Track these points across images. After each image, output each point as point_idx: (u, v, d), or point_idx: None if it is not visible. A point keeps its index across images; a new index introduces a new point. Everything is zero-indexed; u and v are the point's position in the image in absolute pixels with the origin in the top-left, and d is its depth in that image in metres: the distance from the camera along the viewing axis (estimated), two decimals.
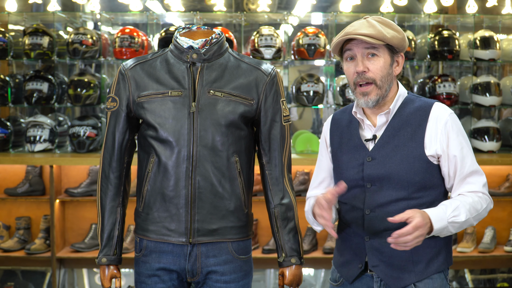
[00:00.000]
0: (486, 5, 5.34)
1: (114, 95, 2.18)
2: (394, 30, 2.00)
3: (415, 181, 1.98)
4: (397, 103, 2.04)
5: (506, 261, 4.58)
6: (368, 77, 1.99)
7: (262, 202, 2.33)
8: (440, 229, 1.91)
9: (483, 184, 2.00)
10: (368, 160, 2.03)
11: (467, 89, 4.82)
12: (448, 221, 1.90)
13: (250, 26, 5.24)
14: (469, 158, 2.00)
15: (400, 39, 1.99)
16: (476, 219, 1.97)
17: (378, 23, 1.99)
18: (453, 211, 1.92)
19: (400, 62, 2.04)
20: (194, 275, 2.16)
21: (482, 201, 1.98)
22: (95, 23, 5.22)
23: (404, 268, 2.00)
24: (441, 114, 1.99)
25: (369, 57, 1.99)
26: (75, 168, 4.54)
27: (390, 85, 2.03)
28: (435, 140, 1.98)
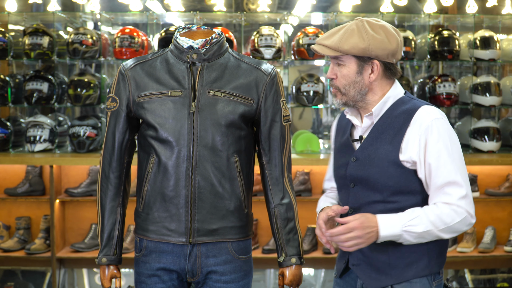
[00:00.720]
0: (486, 5, 5.34)
1: (114, 95, 2.18)
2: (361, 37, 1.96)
3: (389, 185, 1.98)
4: (385, 105, 2.03)
5: (506, 261, 4.59)
6: (333, 84, 2.06)
7: (262, 202, 2.33)
8: (391, 236, 1.90)
9: (460, 197, 1.91)
10: (352, 160, 2.05)
11: (467, 89, 4.82)
12: (403, 230, 1.89)
13: (250, 26, 5.24)
14: (447, 167, 1.91)
15: (362, 49, 1.96)
16: (447, 232, 1.91)
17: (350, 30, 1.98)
18: (411, 220, 1.89)
19: (375, 69, 2.00)
20: (194, 275, 2.16)
21: (455, 215, 1.90)
22: (95, 23, 5.22)
23: (381, 270, 2.02)
24: (423, 119, 1.95)
25: (338, 65, 2.03)
26: (75, 168, 4.54)
27: (362, 92, 2.02)
28: (412, 145, 1.94)
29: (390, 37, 1.99)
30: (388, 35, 1.99)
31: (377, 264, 2.02)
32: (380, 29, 1.99)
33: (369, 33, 1.97)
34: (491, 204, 4.64)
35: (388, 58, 2.00)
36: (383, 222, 1.90)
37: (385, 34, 1.99)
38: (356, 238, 1.89)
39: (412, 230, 1.89)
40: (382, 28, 2.00)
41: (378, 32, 1.98)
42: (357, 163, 2.04)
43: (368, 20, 2.01)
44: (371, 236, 1.90)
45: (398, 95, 2.05)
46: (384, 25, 2.01)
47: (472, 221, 1.95)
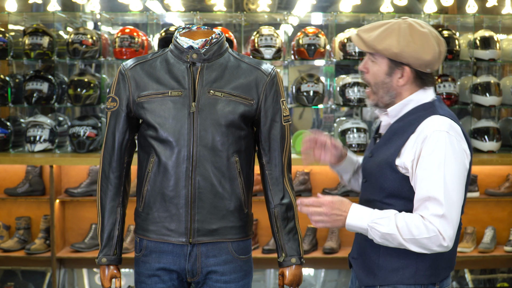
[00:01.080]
0: (486, 5, 5.34)
1: (114, 95, 2.18)
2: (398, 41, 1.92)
3: (384, 187, 1.97)
4: (404, 108, 2.00)
5: (506, 261, 4.58)
6: (364, 77, 2.04)
7: (262, 202, 2.33)
8: (357, 228, 1.90)
9: (436, 214, 1.82)
10: (369, 156, 2.06)
11: (467, 89, 4.82)
12: (368, 224, 1.88)
13: (250, 26, 5.24)
14: (431, 181, 1.84)
15: (394, 54, 1.92)
16: (412, 243, 1.84)
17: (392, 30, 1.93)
18: (379, 219, 1.87)
19: (405, 75, 1.96)
20: (194, 275, 2.16)
21: (424, 229, 1.82)
22: (95, 23, 5.22)
23: (371, 269, 2.03)
24: (426, 129, 1.91)
25: (371, 60, 2.01)
26: (75, 168, 4.54)
27: (390, 94, 2.00)
28: (408, 152, 1.92)
29: (427, 48, 1.93)
30: (426, 46, 1.93)
31: (369, 262, 2.03)
32: (420, 37, 1.92)
33: (406, 39, 1.92)
34: (491, 204, 4.64)
35: (421, 68, 1.95)
36: (354, 211, 1.90)
37: (422, 43, 1.92)
38: (322, 214, 1.90)
39: (377, 228, 1.87)
40: (423, 36, 1.93)
41: (416, 40, 1.92)
42: (371, 159, 2.04)
43: (413, 24, 1.94)
44: (338, 220, 1.90)
45: (422, 100, 1.99)
46: (425, 34, 1.94)
47: (444, 244, 1.83)
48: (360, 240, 2.08)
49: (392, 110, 2.01)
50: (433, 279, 1.99)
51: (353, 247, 2.15)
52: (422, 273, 1.97)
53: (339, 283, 4.67)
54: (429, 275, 1.98)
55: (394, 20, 1.98)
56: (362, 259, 2.06)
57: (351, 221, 1.90)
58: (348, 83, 4.63)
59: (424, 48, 1.93)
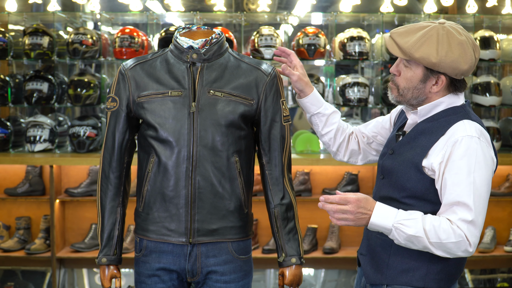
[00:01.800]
0: (486, 5, 5.34)
1: (114, 95, 2.18)
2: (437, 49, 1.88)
3: (406, 187, 1.95)
4: (434, 109, 1.97)
5: (506, 261, 4.59)
6: (394, 80, 2.01)
7: (262, 202, 2.33)
8: (381, 227, 1.86)
9: (464, 219, 1.82)
10: (390, 152, 2.04)
11: (467, 89, 4.82)
12: (394, 225, 1.84)
13: (250, 26, 5.24)
14: (461, 187, 1.83)
15: (432, 63, 1.88)
16: (438, 247, 1.83)
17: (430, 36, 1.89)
18: (405, 220, 1.84)
19: (440, 83, 1.94)
20: (194, 275, 2.16)
21: (452, 233, 1.81)
22: (95, 23, 5.22)
23: (379, 267, 2.01)
24: (457, 132, 1.88)
25: (404, 65, 1.97)
26: (75, 168, 4.54)
27: (419, 99, 1.97)
28: (437, 154, 1.89)
29: (465, 57, 1.90)
30: (464, 55, 1.89)
31: (378, 260, 2.02)
32: (458, 46, 1.89)
33: (444, 48, 1.88)
34: (491, 204, 4.62)
35: (456, 76, 1.93)
36: (379, 210, 1.86)
37: (461, 53, 1.89)
38: (348, 212, 1.85)
39: (403, 229, 1.83)
40: (461, 45, 1.89)
41: (454, 50, 1.89)
42: (391, 156, 2.02)
43: (451, 31, 1.90)
44: (362, 218, 1.86)
45: (453, 103, 1.97)
46: (463, 42, 1.90)
47: (469, 249, 1.83)
48: (370, 237, 2.06)
49: (422, 110, 1.98)
50: (442, 284, 1.97)
51: (362, 243, 2.13)
52: (432, 277, 1.96)
53: (339, 283, 4.67)
54: (439, 280, 1.96)
55: (431, 24, 1.93)
56: (371, 256, 2.05)
57: (376, 220, 1.85)
58: (348, 83, 4.63)
59: (462, 58, 1.89)
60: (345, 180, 4.54)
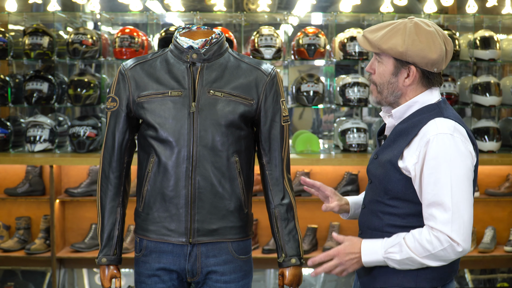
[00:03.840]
0: (486, 5, 5.34)
1: (114, 95, 2.18)
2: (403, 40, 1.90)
3: (388, 189, 1.96)
4: (409, 109, 1.98)
5: (506, 261, 4.58)
6: (370, 78, 2.03)
7: (262, 202, 2.33)
8: (374, 262, 1.91)
9: (444, 221, 1.81)
10: (374, 157, 2.06)
11: (467, 89, 4.82)
12: (384, 256, 1.89)
13: (250, 26, 5.24)
14: (437, 186, 1.83)
15: (400, 52, 1.91)
16: (432, 259, 1.84)
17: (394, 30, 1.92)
18: (391, 247, 1.88)
19: (411, 74, 1.95)
20: (194, 275, 2.16)
21: (437, 242, 1.82)
22: (95, 23, 5.22)
23: (371, 271, 2.02)
24: (429, 132, 1.89)
25: (377, 61, 2.00)
26: (75, 168, 4.54)
27: (395, 94, 1.98)
28: (411, 156, 1.91)
29: (433, 46, 1.92)
30: (432, 44, 1.91)
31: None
32: (426, 36, 1.91)
33: (411, 38, 1.90)
34: (491, 204, 4.64)
35: (427, 67, 1.93)
36: (366, 248, 1.91)
37: (428, 42, 1.91)
38: (339, 265, 1.92)
39: (392, 257, 1.88)
40: (428, 35, 1.92)
41: (422, 39, 1.91)
42: (376, 161, 2.03)
43: (418, 23, 1.93)
44: (355, 262, 1.92)
45: (428, 101, 1.98)
46: (431, 32, 1.92)
47: (459, 249, 1.82)
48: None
49: (396, 112, 2.00)
50: (434, 283, 1.97)
51: None
52: (423, 277, 1.96)
53: (339, 283, 4.67)
54: (431, 279, 1.96)
55: (400, 20, 1.97)
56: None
57: (367, 259, 1.91)
58: (348, 83, 4.63)
59: (430, 47, 1.92)
60: (345, 180, 4.54)
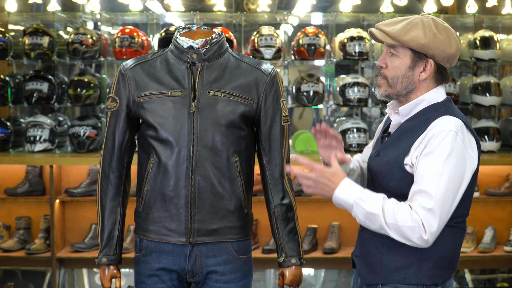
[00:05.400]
0: (486, 5, 5.34)
1: (114, 95, 2.18)
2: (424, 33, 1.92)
3: (391, 186, 1.97)
4: (416, 107, 1.99)
5: (506, 261, 4.58)
6: (382, 72, 2.02)
7: (262, 202, 2.33)
8: (343, 201, 1.87)
9: (423, 206, 1.82)
10: (375, 154, 2.06)
11: (467, 89, 4.82)
12: (355, 200, 1.86)
13: (250, 26, 5.24)
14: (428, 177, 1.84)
15: (421, 44, 1.91)
16: (393, 229, 1.83)
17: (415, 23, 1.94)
18: (367, 197, 1.85)
19: (428, 68, 1.96)
20: (194, 275, 2.17)
21: (409, 217, 1.82)
22: (95, 23, 5.22)
23: (373, 267, 2.02)
24: (434, 128, 1.90)
25: (391, 55, 1.99)
26: (75, 168, 4.54)
27: (408, 88, 1.98)
28: (415, 150, 1.92)
29: (452, 41, 1.94)
30: (451, 38, 1.94)
31: (372, 260, 2.03)
32: (444, 30, 1.94)
33: (432, 30, 1.93)
34: (491, 204, 4.64)
35: (443, 61, 1.95)
36: (344, 185, 1.88)
37: (448, 36, 1.94)
38: (310, 179, 1.88)
39: (362, 205, 1.85)
40: (446, 30, 1.95)
41: (441, 33, 1.93)
42: (377, 158, 2.03)
43: (435, 18, 1.96)
44: (325, 190, 1.88)
45: (434, 99, 1.99)
46: (449, 28, 1.96)
47: (424, 237, 1.82)
48: (363, 239, 2.08)
49: (403, 110, 2.00)
50: (435, 280, 1.98)
51: (356, 245, 2.15)
52: (425, 273, 1.97)
53: (339, 283, 4.67)
54: (432, 276, 1.97)
55: (413, 16, 1.98)
56: (364, 257, 2.06)
57: (339, 193, 1.88)
58: (348, 83, 4.63)
59: (450, 41, 1.94)
60: None
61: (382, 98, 2.05)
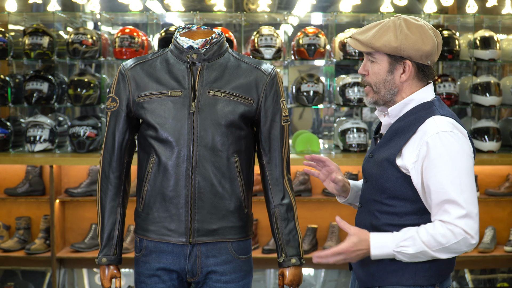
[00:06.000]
0: (486, 5, 5.34)
1: (114, 95, 2.18)
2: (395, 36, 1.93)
3: (386, 187, 1.96)
4: (405, 107, 1.99)
5: (506, 261, 4.59)
6: (365, 80, 2.04)
7: (262, 202, 2.33)
8: (383, 255, 1.91)
9: (458, 216, 1.83)
10: (370, 156, 2.05)
11: (467, 89, 4.82)
12: (395, 250, 1.88)
13: (250, 26, 5.24)
14: (444, 185, 1.85)
15: (394, 48, 1.92)
16: (443, 252, 1.86)
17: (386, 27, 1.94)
18: (403, 241, 1.87)
19: (407, 69, 1.96)
20: (194, 275, 2.17)
21: (451, 235, 1.83)
22: (95, 23, 5.22)
23: (369, 270, 2.02)
24: (429, 129, 1.90)
25: (371, 61, 2.00)
26: (75, 168, 4.54)
27: (392, 92, 1.99)
28: (410, 154, 1.91)
29: (425, 38, 1.94)
30: (424, 36, 1.94)
31: (368, 263, 2.02)
32: (416, 29, 1.94)
33: (403, 32, 1.93)
34: (491, 204, 4.64)
35: (421, 60, 1.95)
36: (375, 242, 1.90)
37: (420, 34, 1.94)
38: (344, 260, 1.93)
39: (404, 251, 1.87)
40: (419, 28, 1.94)
41: (413, 32, 1.93)
42: (372, 159, 2.03)
43: (407, 18, 1.96)
44: (362, 256, 1.92)
45: (423, 99, 1.99)
46: (421, 25, 1.95)
47: (473, 242, 1.85)
48: None
49: (392, 110, 2.00)
50: (432, 280, 1.98)
51: None
52: (421, 274, 1.96)
53: (339, 283, 4.67)
54: (429, 276, 1.97)
55: (387, 19, 1.99)
56: (361, 260, 2.05)
57: (376, 253, 1.90)
58: (348, 83, 4.63)
59: (423, 39, 1.94)
60: None
61: (371, 105, 2.07)
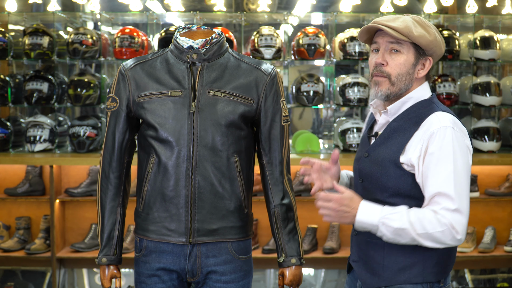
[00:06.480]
0: (486, 5, 5.34)
1: (114, 95, 2.18)
2: (426, 30, 1.93)
3: (388, 186, 1.95)
4: (404, 105, 1.99)
5: (506, 261, 4.58)
6: (383, 70, 1.97)
7: (262, 202, 2.33)
8: (367, 224, 1.86)
9: (447, 208, 1.83)
10: (365, 155, 2.04)
11: (467, 89, 4.82)
12: (380, 220, 1.84)
13: (250, 26, 5.24)
14: (441, 177, 1.85)
15: (429, 41, 1.92)
16: (426, 238, 1.83)
17: (412, 21, 1.94)
18: (391, 214, 1.85)
19: (427, 66, 1.97)
20: (194, 275, 2.17)
21: (437, 223, 1.82)
22: (95, 23, 5.22)
23: (375, 271, 2.01)
24: (432, 125, 1.90)
25: (392, 52, 1.96)
26: (75, 168, 4.54)
27: (408, 86, 1.98)
28: (414, 149, 1.91)
29: (442, 41, 1.98)
30: (442, 39, 1.98)
31: (372, 264, 2.01)
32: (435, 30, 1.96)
33: (432, 30, 1.95)
34: (491, 204, 4.64)
35: (435, 59, 1.98)
36: (364, 208, 1.87)
37: (441, 37, 1.98)
38: (330, 209, 1.87)
39: (389, 223, 1.84)
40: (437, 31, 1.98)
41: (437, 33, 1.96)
42: (367, 159, 2.02)
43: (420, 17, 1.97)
44: (346, 216, 1.87)
45: (421, 97, 1.99)
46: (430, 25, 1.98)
47: (458, 237, 1.83)
48: (360, 243, 2.06)
49: (392, 108, 1.99)
50: (439, 276, 1.98)
51: (351, 250, 2.12)
52: (429, 271, 1.96)
53: (339, 283, 4.67)
54: (436, 272, 1.97)
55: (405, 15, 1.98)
56: (364, 261, 2.04)
57: (361, 217, 1.86)
58: (348, 83, 4.63)
59: (443, 42, 1.98)
60: None
61: (381, 98, 2.01)
